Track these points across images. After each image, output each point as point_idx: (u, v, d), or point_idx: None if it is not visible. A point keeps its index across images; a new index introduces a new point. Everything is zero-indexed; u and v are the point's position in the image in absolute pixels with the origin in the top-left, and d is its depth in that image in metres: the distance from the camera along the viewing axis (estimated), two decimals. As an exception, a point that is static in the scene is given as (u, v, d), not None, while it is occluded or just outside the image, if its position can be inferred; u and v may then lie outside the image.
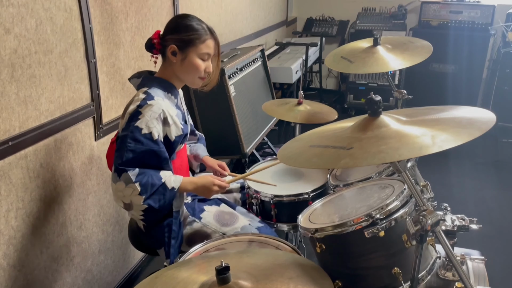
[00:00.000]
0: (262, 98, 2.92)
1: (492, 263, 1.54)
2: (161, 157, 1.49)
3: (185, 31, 1.51)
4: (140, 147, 1.45)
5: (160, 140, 1.49)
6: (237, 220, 1.63)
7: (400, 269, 1.11)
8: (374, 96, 1.04)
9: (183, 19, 1.55)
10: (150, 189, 1.44)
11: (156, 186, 1.45)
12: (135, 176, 1.44)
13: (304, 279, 1.01)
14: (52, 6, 1.58)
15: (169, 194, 1.48)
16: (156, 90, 1.54)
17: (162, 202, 1.47)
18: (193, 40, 1.51)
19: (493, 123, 0.93)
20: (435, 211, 0.94)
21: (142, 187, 1.43)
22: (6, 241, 1.51)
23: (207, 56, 1.55)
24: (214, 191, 1.56)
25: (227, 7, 3.17)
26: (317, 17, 4.96)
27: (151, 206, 1.46)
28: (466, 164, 3.59)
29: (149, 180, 1.45)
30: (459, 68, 4.16)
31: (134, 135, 1.45)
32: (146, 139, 1.45)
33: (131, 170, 1.44)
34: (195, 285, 0.99)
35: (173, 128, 1.53)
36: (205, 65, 1.56)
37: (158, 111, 1.48)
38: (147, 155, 1.46)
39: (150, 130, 1.46)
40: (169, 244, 1.55)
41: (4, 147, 1.43)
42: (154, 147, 1.47)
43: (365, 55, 1.83)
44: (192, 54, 1.53)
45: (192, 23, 1.53)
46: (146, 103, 1.48)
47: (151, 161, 1.48)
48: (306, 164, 1.08)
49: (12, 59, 1.43)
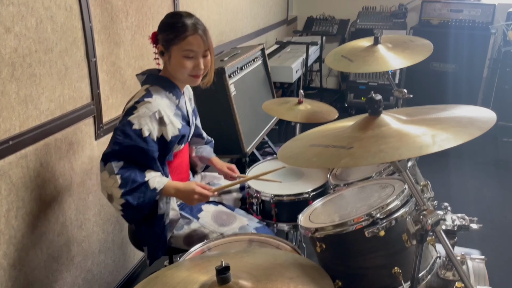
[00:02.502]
0: (262, 97, 2.92)
1: (492, 263, 1.53)
2: (148, 155, 1.47)
3: (166, 30, 1.50)
4: (128, 141, 1.44)
5: (151, 138, 1.47)
6: (235, 220, 1.63)
7: (400, 269, 1.11)
8: (374, 95, 1.04)
9: (167, 17, 1.53)
10: (131, 184, 1.42)
11: (137, 183, 1.43)
12: (118, 168, 1.43)
13: (304, 279, 1.01)
14: (52, 5, 1.58)
15: (150, 194, 1.45)
16: (157, 88, 1.54)
17: (141, 200, 1.44)
18: (173, 39, 1.48)
19: (494, 123, 0.93)
20: (435, 211, 0.94)
21: (122, 180, 1.42)
22: (6, 240, 1.51)
23: (192, 53, 1.50)
24: (195, 200, 1.50)
25: (228, 6, 3.17)
26: (318, 16, 4.95)
27: (129, 202, 1.42)
28: (466, 163, 3.59)
29: (131, 175, 1.43)
30: (460, 67, 4.16)
31: (125, 128, 1.45)
32: (135, 134, 1.44)
33: (115, 161, 1.43)
34: (195, 285, 0.99)
35: (169, 128, 1.52)
36: (192, 63, 1.51)
37: (153, 109, 1.47)
38: (133, 151, 1.45)
39: (141, 126, 1.45)
40: (150, 244, 1.56)
41: (4, 146, 1.43)
42: (142, 144, 1.45)
43: (365, 54, 1.83)
44: (175, 52, 1.50)
45: (174, 21, 1.49)
46: (143, 100, 1.48)
47: (137, 157, 1.46)
48: (306, 163, 1.07)
49: (12, 58, 1.43)
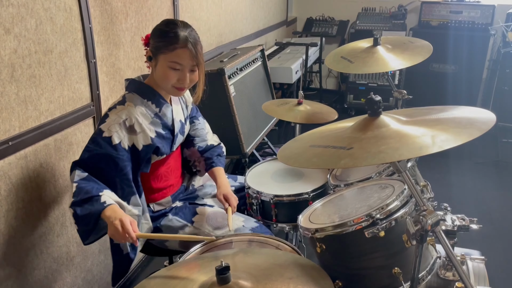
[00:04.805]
0: (262, 98, 2.92)
1: (492, 263, 1.54)
2: (118, 165, 1.44)
3: (157, 37, 1.46)
4: (97, 149, 1.42)
5: (121, 146, 1.44)
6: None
7: (400, 269, 1.11)
8: (374, 96, 1.04)
9: (162, 24, 1.49)
10: (83, 195, 1.36)
11: (89, 194, 1.36)
12: (79, 178, 1.40)
13: (304, 279, 1.01)
14: (52, 6, 1.58)
15: (96, 206, 1.36)
16: (133, 96, 1.52)
17: (87, 211, 1.35)
18: (162, 47, 1.44)
19: (493, 123, 0.93)
20: (435, 211, 0.94)
21: (77, 189, 1.38)
22: (6, 241, 1.51)
23: (179, 66, 1.45)
24: (114, 227, 1.33)
25: (227, 7, 3.17)
26: (317, 17, 4.96)
27: (76, 214, 1.35)
28: (466, 164, 3.59)
29: (87, 187, 1.38)
30: (459, 68, 4.17)
31: (96, 137, 1.44)
32: (105, 142, 1.42)
33: (80, 170, 1.41)
34: (195, 285, 0.99)
35: (140, 137, 1.48)
36: (177, 75, 1.47)
37: (123, 117, 1.46)
38: (103, 159, 1.42)
39: (111, 134, 1.43)
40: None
41: (4, 147, 1.43)
42: (112, 152, 1.43)
43: (365, 55, 1.83)
44: (162, 61, 1.46)
45: (167, 29, 1.44)
46: (115, 107, 1.48)
47: (106, 166, 1.43)
48: (306, 164, 1.08)
49: (12, 59, 1.43)
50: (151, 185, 1.63)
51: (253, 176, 1.89)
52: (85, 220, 1.37)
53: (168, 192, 1.68)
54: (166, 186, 1.67)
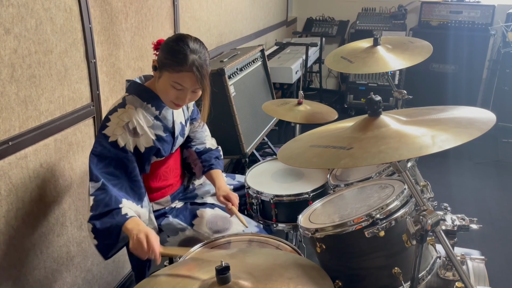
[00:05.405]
0: (262, 98, 2.92)
1: (492, 263, 1.54)
2: (128, 167, 1.46)
3: (166, 53, 1.44)
4: (106, 153, 1.43)
5: (127, 148, 1.46)
6: (230, 225, 1.61)
7: (400, 269, 1.11)
8: (374, 96, 1.05)
9: (174, 40, 1.45)
10: (102, 208, 1.36)
11: (110, 207, 1.36)
12: (95, 189, 1.39)
13: (304, 279, 1.01)
14: (52, 6, 1.58)
15: (118, 218, 1.36)
16: (133, 98, 1.52)
17: (107, 225, 1.36)
18: (168, 66, 1.43)
19: (493, 123, 0.93)
20: (435, 211, 0.94)
21: (94, 203, 1.37)
22: (6, 241, 1.51)
23: (180, 87, 1.44)
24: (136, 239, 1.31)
25: (227, 7, 3.17)
26: (317, 17, 4.96)
27: (96, 228, 1.36)
28: (466, 164, 3.59)
29: (105, 198, 1.37)
30: (459, 68, 4.17)
31: (102, 142, 1.44)
32: (112, 147, 1.44)
33: (93, 181, 1.40)
34: (195, 285, 0.99)
35: (142, 139, 1.50)
36: (176, 94, 1.46)
37: (125, 120, 1.46)
38: (113, 162, 1.44)
39: (116, 138, 1.44)
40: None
41: (4, 147, 1.43)
42: (120, 155, 1.45)
43: (365, 55, 1.84)
44: (166, 77, 1.45)
45: (177, 49, 1.41)
46: (116, 110, 1.48)
47: (117, 167, 1.45)
48: (306, 164, 1.08)
49: (12, 59, 1.43)
50: (150, 184, 1.63)
51: (253, 176, 1.89)
52: (106, 234, 1.36)
53: (167, 192, 1.69)
54: (165, 186, 1.67)
